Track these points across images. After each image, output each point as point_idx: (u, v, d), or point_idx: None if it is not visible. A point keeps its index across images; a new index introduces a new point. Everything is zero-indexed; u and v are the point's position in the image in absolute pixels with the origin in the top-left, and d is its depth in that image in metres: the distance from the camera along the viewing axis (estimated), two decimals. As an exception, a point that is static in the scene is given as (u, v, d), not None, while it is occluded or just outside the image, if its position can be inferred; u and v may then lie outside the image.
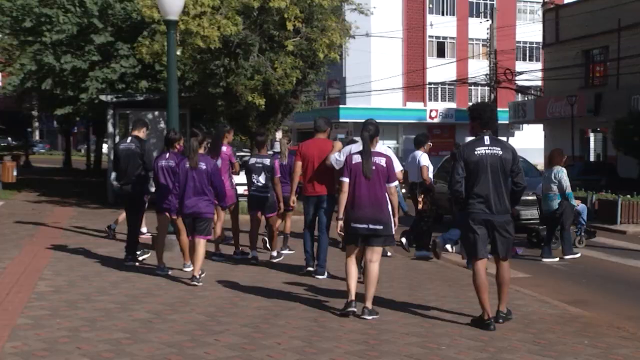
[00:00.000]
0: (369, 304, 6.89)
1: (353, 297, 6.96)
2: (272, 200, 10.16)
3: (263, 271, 9.64)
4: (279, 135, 21.63)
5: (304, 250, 9.43)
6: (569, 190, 11.63)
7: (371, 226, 6.85)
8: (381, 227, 6.87)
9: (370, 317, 6.84)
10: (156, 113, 18.96)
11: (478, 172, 6.54)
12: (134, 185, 9.93)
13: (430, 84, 47.82)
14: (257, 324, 6.64)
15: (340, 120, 43.53)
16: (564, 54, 31.86)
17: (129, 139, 10.18)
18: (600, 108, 29.58)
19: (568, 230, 11.90)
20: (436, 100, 48.97)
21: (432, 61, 47.53)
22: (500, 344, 6.11)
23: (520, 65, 46.17)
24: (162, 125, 18.24)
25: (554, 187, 11.68)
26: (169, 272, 9.18)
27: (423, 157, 11.38)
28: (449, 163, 14.82)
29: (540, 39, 37.07)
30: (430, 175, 11.45)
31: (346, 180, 7.01)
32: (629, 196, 17.48)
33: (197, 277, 8.43)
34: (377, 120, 7.94)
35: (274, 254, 10.47)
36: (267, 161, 10.11)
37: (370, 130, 7.16)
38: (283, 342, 6.05)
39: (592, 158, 32.33)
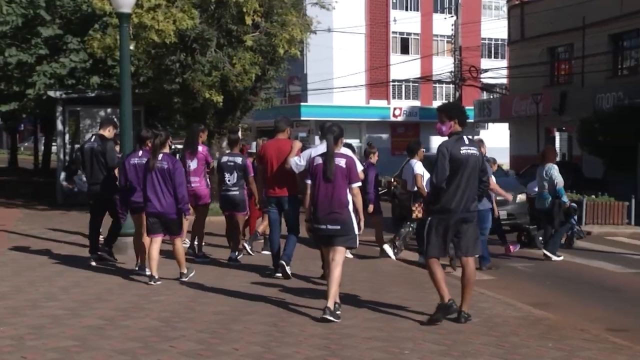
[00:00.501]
0: (330, 304, 6.88)
1: (327, 302, 7.04)
2: (242, 199, 10.28)
3: (222, 273, 9.50)
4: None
5: (271, 255, 9.47)
6: (559, 186, 11.74)
7: (329, 226, 7.00)
8: (339, 227, 6.99)
9: (331, 318, 6.81)
10: (109, 110, 18.51)
11: (459, 171, 6.74)
12: (102, 185, 10.02)
13: (394, 81, 47.51)
14: (214, 329, 6.51)
15: (302, 119, 42.92)
16: (529, 51, 31.81)
17: (93, 137, 10.29)
18: (565, 107, 29.50)
19: (558, 229, 12.06)
20: (400, 98, 48.69)
21: (395, 58, 47.19)
22: (464, 347, 6.06)
23: (485, 63, 46.13)
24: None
25: (547, 185, 11.88)
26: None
27: (417, 165, 11.38)
28: None
29: (505, 35, 36.98)
30: (424, 182, 11.38)
31: (309, 182, 7.24)
32: (593, 196, 17.43)
33: (185, 273, 8.78)
34: (340, 119, 7.90)
35: (233, 255, 10.30)
36: (239, 160, 10.29)
37: (334, 132, 7.22)
38: (241, 348, 5.92)
39: (557, 157, 32.21)
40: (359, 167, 8.94)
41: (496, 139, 43.67)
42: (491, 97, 39.71)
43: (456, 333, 6.51)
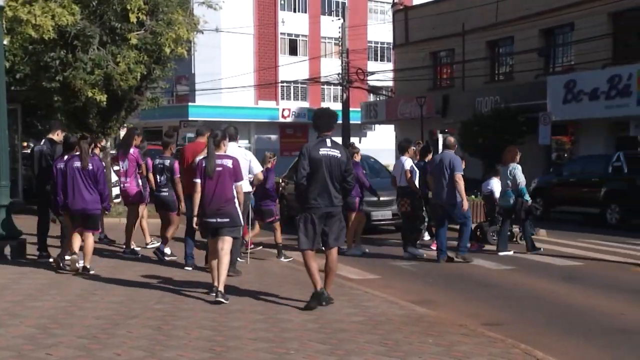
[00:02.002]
0: (221, 287, 7.75)
1: (218, 286, 7.78)
2: (171, 200, 10.91)
3: (109, 273, 9.51)
4: (123, 133, 20.65)
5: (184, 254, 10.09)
6: (522, 185, 12.30)
7: (219, 219, 7.82)
8: (228, 220, 7.85)
9: (223, 300, 7.63)
10: (-18, 108, 17.41)
11: (319, 170, 7.48)
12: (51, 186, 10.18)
13: (282, 82, 47.69)
14: (95, 334, 6.39)
15: (190, 119, 42.40)
16: (414, 55, 32.67)
17: (43, 141, 10.61)
18: (447, 109, 30.52)
19: (525, 225, 12.67)
20: (289, 99, 48.96)
21: (284, 59, 47.43)
22: (348, 346, 6.18)
23: (372, 65, 47.05)
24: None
25: (510, 184, 12.40)
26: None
27: (407, 162, 12.08)
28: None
29: (391, 39, 37.81)
30: (416, 179, 12.18)
31: (198, 181, 7.92)
32: (473, 196, 17.89)
33: (88, 268, 9.28)
34: (228, 119, 8.43)
35: (167, 251, 10.88)
36: (168, 162, 10.91)
37: (216, 136, 8.12)
38: (123, 353, 5.82)
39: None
40: (258, 168, 9.91)
41: (383, 141, 44.66)
42: (377, 99, 40.52)
43: (341, 332, 6.61)
